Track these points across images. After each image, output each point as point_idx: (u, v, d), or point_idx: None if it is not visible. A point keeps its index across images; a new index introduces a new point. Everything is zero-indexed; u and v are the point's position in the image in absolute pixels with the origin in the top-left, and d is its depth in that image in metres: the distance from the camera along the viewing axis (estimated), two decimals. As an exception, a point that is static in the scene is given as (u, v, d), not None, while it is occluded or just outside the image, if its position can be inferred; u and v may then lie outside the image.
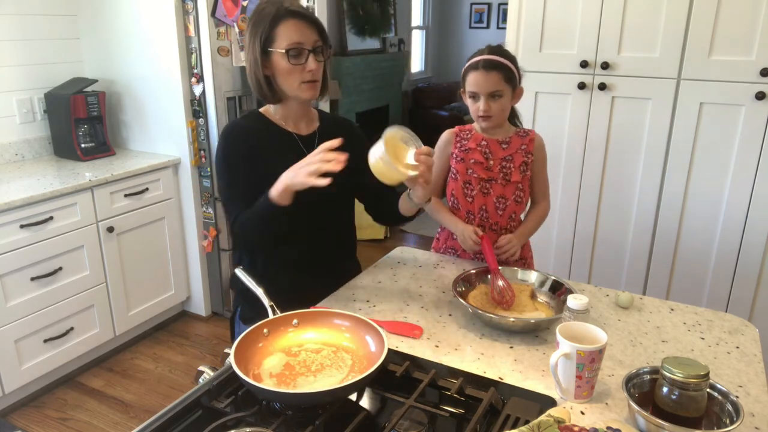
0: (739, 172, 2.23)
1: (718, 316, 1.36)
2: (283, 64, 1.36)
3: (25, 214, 2.22)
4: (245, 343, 1.02)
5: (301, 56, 1.36)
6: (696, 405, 0.89)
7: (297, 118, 1.50)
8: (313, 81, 1.40)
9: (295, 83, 1.38)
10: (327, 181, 1.19)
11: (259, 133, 1.45)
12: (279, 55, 1.36)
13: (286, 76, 1.38)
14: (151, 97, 2.87)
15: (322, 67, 1.42)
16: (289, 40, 1.34)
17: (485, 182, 1.67)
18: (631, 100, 2.37)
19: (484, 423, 0.95)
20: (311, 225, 1.48)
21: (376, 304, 1.40)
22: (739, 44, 2.13)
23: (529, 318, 1.28)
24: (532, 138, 1.67)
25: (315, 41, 1.37)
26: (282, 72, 1.38)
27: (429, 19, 6.85)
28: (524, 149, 1.66)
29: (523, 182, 1.67)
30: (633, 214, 2.48)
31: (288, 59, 1.35)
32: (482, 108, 1.57)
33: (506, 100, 1.59)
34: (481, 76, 1.55)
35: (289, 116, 1.49)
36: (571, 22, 2.40)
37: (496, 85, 1.55)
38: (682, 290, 2.44)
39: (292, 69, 1.36)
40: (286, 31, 1.35)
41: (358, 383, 0.92)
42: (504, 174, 1.65)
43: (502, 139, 1.66)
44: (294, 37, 1.34)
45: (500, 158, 1.66)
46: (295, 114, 1.49)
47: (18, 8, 2.70)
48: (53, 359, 2.42)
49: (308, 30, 1.37)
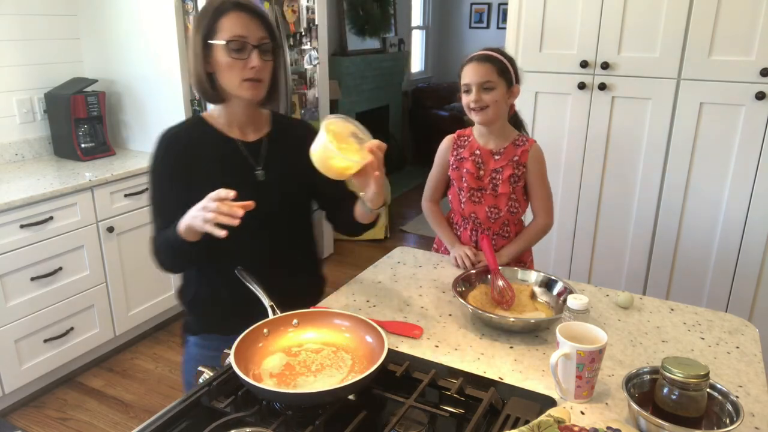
0: (739, 172, 2.23)
1: (718, 316, 1.36)
2: (223, 59, 1.27)
3: (25, 214, 2.22)
4: (245, 343, 1.02)
5: (243, 50, 1.26)
6: (696, 405, 0.89)
7: (243, 123, 1.39)
8: (256, 80, 1.29)
9: (235, 80, 1.28)
10: (223, 233, 1.08)
11: (198, 141, 1.34)
12: (220, 48, 1.26)
13: (226, 71, 1.28)
14: (151, 97, 2.87)
15: (269, 69, 1.33)
16: (231, 33, 1.25)
17: (475, 191, 1.66)
18: (631, 100, 2.36)
19: (484, 423, 0.94)
20: (256, 244, 1.36)
21: (376, 304, 1.40)
22: (739, 44, 2.13)
23: (529, 318, 1.28)
24: (526, 149, 1.62)
25: (261, 38, 1.28)
26: (222, 67, 1.28)
27: (429, 19, 6.85)
28: (516, 161, 1.62)
29: (516, 193, 1.64)
30: (633, 214, 2.48)
31: (228, 52, 1.26)
32: (473, 98, 1.55)
33: (499, 94, 1.56)
34: (473, 68, 1.56)
35: (234, 120, 1.38)
36: (571, 22, 2.40)
37: (487, 76, 1.54)
38: (682, 290, 2.44)
39: (232, 64, 1.26)
40: (229, 23, 1.26)
41: (358, 383, 0.92)
42: (494, 185, 1.64)
43: (496, 150, 1.64)
44: (237, 29, 1.25)
45: (491, 169, 1.64)
46: (240, 118, 1.38)
47: (18, 8, 2.70)
48: (53, 359, 2.42)
49: (254, 25, 1.27)
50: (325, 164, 1.14)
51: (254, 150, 1.39)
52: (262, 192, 1.34)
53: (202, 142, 1.35)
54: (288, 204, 1.42)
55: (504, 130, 1.65)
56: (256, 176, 1.37)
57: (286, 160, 1.41)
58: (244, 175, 1.36)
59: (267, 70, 1.31)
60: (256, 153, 1.39)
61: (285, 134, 1.45)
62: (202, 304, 1.43)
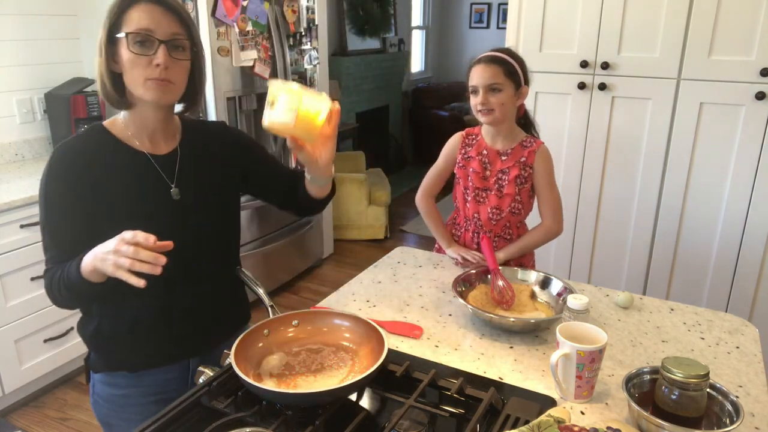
0: (739, 172, 2.23)
1: (718, 316, 1.36)
2: (126, 54, 1.11)
3: (25, 214, 2.22)
4: (245, 343, 1.02)
5: (147, 45, 1.10)
6: (696, 405, 0.89)
7: (152, 132, 1.19)
8: (163, 80, 1.11)
9: (138, 78, 1.11)
10: (142, 283, 0.93)
11: (101, 156, 1.14)
12: (123, 42, 1.11)
13: (129, 69, 1.11)
14: (151, 97, 2.87)
15: (182, 70, 1.15)
16: (136, 25, 1.10)
17: (480, 191, 1.65)
18: (631, 100, 2.36)
19: (484, 423, 0.95)
20: (170, 272, 1.06)
21: (376, 304, 1.40)
22: (739, 44, 2.13)
23: (529, 318, 1.28)
24: (534, 150, 1.61)
25: (173, 33, 1.12)
26: (125, 64, 1.12)
27: (429, 19, 6.85)
28: (523, 162, 1.61)
29: (521, 195, 1.63)
30: (633, 214, 2.48)
31: (130, 46, 1.10)
32: (480, 100, 1.55)
33: (506, 95, 1.55)
34: (481, 69, 1.55)
35: (143, 130, 1.18)
36: (571, 22, 2.40)
37: (495, 78, 1.53)
38: (682, 290, 2.44)
39: (135, 60, 1.10)
40: (136, 15, 1.11)
41: (358, 383, 0.92)
42: (499, 186, 1.63)
43: (503, 150, 1.63)
44: (143, 22, 1.10)
45: (497, 170, 1.63)
46: (150, 126, 1.18)
47: (18, 8, 2.70)
48: (53, 359, 2.42)
49: (165, 19, 1.12)
50: (295, 116, 1.02)
51: (168, 164, 1.20)
52: (178, 213, 1.19)
53: (105, 158, 1.15)
54: (209, 223, 1.24)
55: (512, 131, 1.64)
56: (171, 195, 1.18)
57: (206, 171, 1.25)
58: (158, 196, 1.18)
59: (178, 70, 1.14)
60: (170, 168, 1.20)
61: (200, 141, 1.27)
62: (105, 339, 1.21)
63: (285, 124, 1.01)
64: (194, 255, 1.20)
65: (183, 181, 1.20)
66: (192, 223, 1.20)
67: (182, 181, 1.20)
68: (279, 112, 1.01)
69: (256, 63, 2.93)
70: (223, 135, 1.30)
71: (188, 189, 1.20)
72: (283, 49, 3.07)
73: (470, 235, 1.70)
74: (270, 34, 2.99)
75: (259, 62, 2.95)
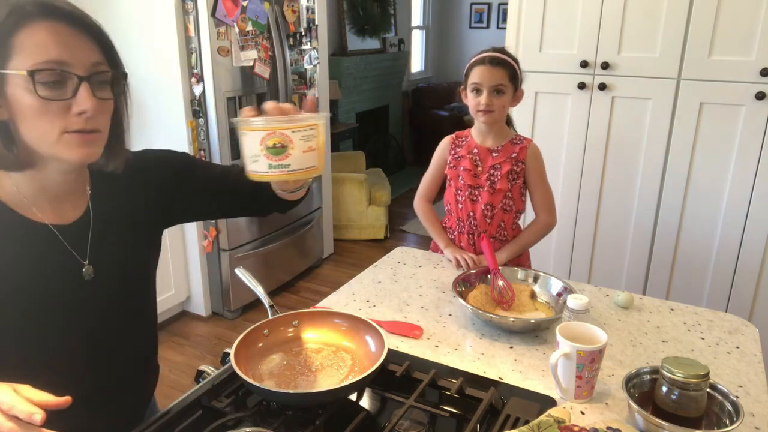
0: (739, 172, 2.23)
1: (718, 316, 1.36)
2: (26, 99, 0.78)
3: (25, 214, 2.21)
4: (245, 343, 1.02)
5: (60, 85, 0.79)
6: (696, 405, 0.89)
7: (57, 198, 0.90)
8: (91, 132, 0.82)
9: (50, 132, 0.80)
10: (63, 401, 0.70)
11: None
12: (18, 80, 0.77)
13: (34, 120, 0.79)
14: (151, 97, 2.87)
15: (109, 112, 0.86)
16: (40, 56, 0.77)
17: (473, 189, 1.66)
18: (631, 100, 2.36)
19: (484, 423, 0.95)
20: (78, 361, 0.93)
21: (376, 304, 1.40)
22: (739, 44, 2.13)
23: (529, 318, 1.28)
24: (525, 146, 1.64)
25: (94, 63, 0.83)
26: (25, 113, 0.79)
27: (429, 19, 6.85)
28: (515, 157, 1.63)
29: (513, 191, 1.65)
30: (633, 214, 2.48)
31: (35, 88, 0.77)
32: (484, 102, 1.56)
33: (507, 98, 1.59)
34: (487, 70, 1.56)
35: (40, 194, 0.88)
36: (571, 22, 2.40)
37: (501, 80, 1.56)
38: (682, 290, 2.44)
39: (43, 108, 0.78)
40: (34, 39, 0.77)
41: (358, 383, 0.92)
42: (491, 182, 1.64)
43: (494, 147, 1.65)
44: (51, 51, 0.78)
45: (489, 166, 1.65)
46: (51, 190, 0.89)
47: (18, 8, 2.69)
48: (53, 359, 2.41)
49: (79, 42, 0.81)
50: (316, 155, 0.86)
51: (77, 235, 0.92)
52: (92, 296, 0.94)
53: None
54: (127, 296, 1.00)
55: (502, 129, 1.68)
56: (83, 276, 0.92)
57: (126, 231, 0.99)
58: (68, 279, 0.91)
59: (105, 114, 0.85)
60: (81, 239, 0.92)
61: (117, 188, 0.98)
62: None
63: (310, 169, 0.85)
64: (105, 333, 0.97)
65: (97, 254, 0.94)
66: (105, 303, 0.95)
67: (96, 254, 0.94)
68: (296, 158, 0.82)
69: (256, 63, 2.93)
70: (150, 165, 1.02)
71: (103, 263, 0.94)
72: (283, 49, 3.07)
73: (466, 237, 1.71)
74: (270, 34, 2.99)
75: (259, 62, 2.95)
